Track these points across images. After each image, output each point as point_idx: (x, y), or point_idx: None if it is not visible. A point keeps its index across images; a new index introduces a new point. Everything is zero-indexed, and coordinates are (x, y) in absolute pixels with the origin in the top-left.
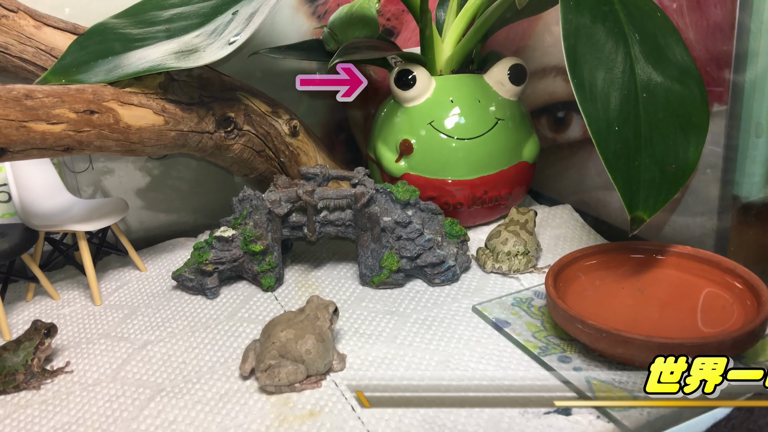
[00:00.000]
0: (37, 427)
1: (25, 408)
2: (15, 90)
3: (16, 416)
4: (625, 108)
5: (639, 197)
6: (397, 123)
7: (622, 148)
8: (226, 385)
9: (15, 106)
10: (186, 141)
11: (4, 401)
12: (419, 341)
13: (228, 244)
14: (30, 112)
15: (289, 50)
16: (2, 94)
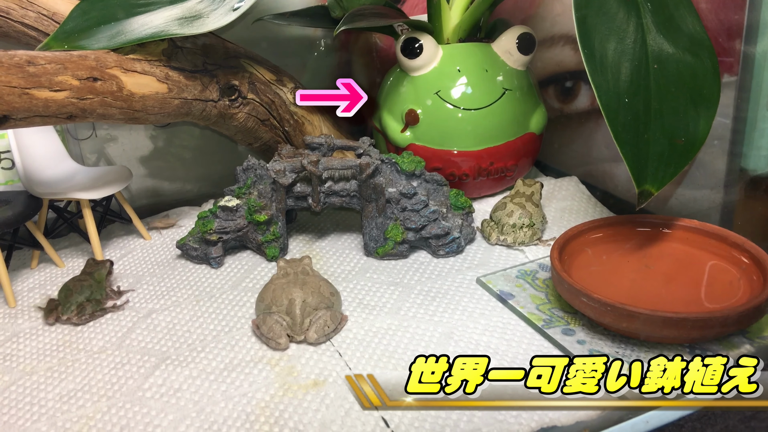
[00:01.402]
0: (43, 393)
1: (31, 375)
2: (17, 56)
3: (21, 383)
4: (636, 79)
5: (647, 170)
6: (403, 92)
7: (631, 121)
8: (231, 354)
9: (17, 72)
10: (190, 109)
11: (9, 368)
12: (423, 313)
13: (232, 214)
14: (32, 79)
15: (294, 17)
16: (4, 60)
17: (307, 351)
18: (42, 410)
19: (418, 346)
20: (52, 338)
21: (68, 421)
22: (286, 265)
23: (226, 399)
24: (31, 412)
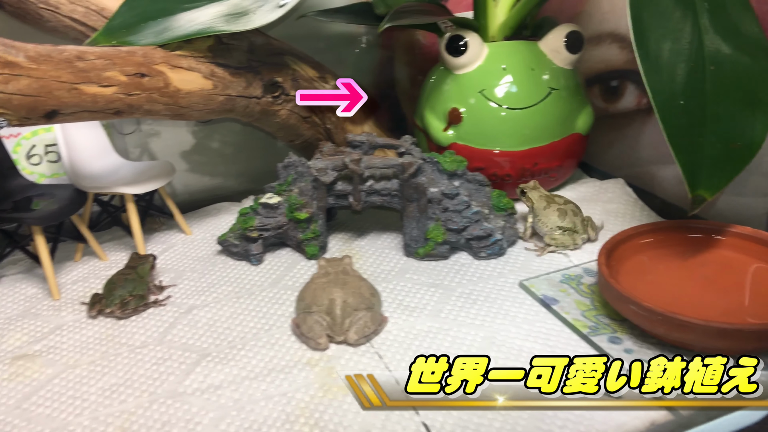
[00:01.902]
0: (86, 387)
1: (74, 368)
2: (67, 51)
3: (65, 376)
4: (692, 81)
5: (702, 175)
6: (446, 91)
7: (686, 123)
8: (270, 353)
9: (67, 67)
10: (233, 106)
11: (53, 361)
12: (464, 316)
13: (273, 211)
14: (81, 74)
15: (338, 13)
16: (54, 55)
17: (346, 352)
18: (84, 404)
19: (459, 350)
20: (95, 332)
21: (110, 415)
22: (326, 264)
23: (266, 398)
24: (73, 406)
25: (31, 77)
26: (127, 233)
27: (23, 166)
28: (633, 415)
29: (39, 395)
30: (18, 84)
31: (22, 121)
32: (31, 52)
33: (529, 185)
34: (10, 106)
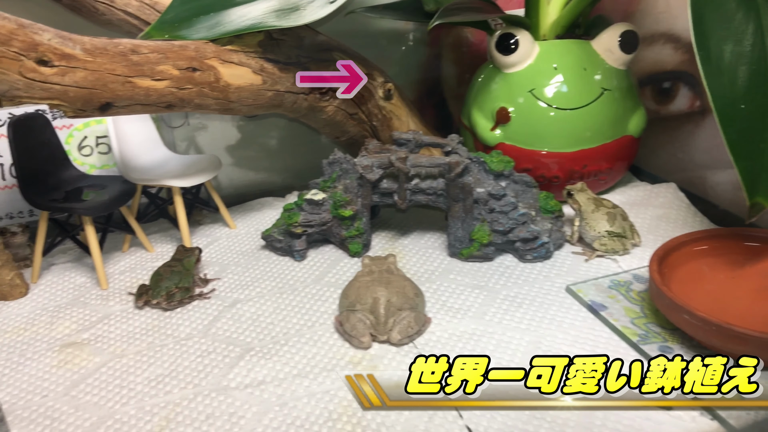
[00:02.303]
0: (132, 377)
1: (121, 357)
2: (122, 45)
3: (112, 365)
4: (754, 84)
5: (761, 182)
6: (495, 89)
7: (747, 128)
8: (313, 349)
9: (121, 61)
10: (281, 101)
11: (100, 349)
12: (509, 319)
13: (318, 208)
14: (135, 68)
15: (387, 10)
16: (110, 49)
17: (389, 351)
18: (131, 393)
19: (503, 354)
20: (141, 322)
21: (156, 406)
22: (371, 262)
23: (308, 395)
24: (120, 395)
25: (87, 70)
26: (173, 225)
27: (75, 157)
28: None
29: (87, 383)
30: (74, 76)
31: (77, 113)
32: (88, 45)
33: (577, 187)
34: (66, 98)
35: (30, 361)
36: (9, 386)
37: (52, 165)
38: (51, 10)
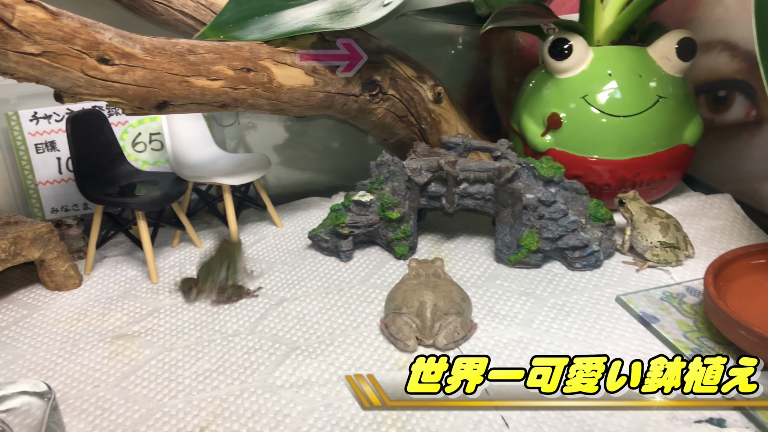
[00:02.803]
0: (181, 370)
1: (170, 351)
2: (179, 45)
3: (161, 357)
4: None
5: None
6: (547, 95)
7: None
8: (359, 350)
9: (179, 60)
10: (332, 103)
11: (150, 342)
12: (557, 328)
13: (365, 209)
14: (192, 67)
15: (438, 13)
16: (168, 48)
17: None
18: (179, 387)
19: None
20: (190, 317)
21: (203, 400)
22: (417, 266)
23: (354, 397)
24: (168, 388)
25: (146, 69)
26: (222, 222)
27: (128, 153)
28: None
29: (137, 375)
30: (133, 75)
31: (135, 111)
32: (147, 45)
33: (629, 195)
34: (125, 96)
35: (82, 351)
36: (62, 375)
37: (107, 160)
38: (110, 9)
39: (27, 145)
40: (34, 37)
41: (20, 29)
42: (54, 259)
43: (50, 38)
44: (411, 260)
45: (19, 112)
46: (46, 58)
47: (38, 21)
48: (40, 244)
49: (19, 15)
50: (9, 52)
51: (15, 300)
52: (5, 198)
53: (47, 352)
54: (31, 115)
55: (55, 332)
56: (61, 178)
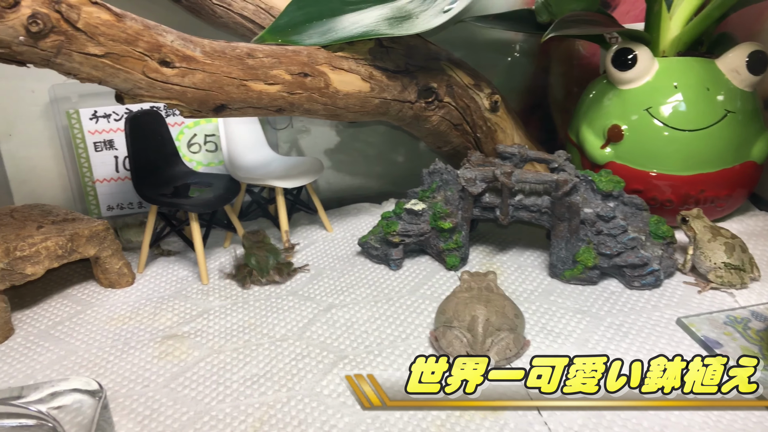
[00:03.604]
0: (229, 374)
1: (219, 353)
2: (239, 48)
3: (210, 360)
4: None
5: None
6: (608, 106)
7: None
8: (408, 362)
9: (238, 64)
10: (387, 109)
11: (199, 344)
12: (614, 349)
13: (417, 218)
14: (250, 71)
15: (498, 20)
16: (227, 52)
17: None
18: (227, 391)
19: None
20: (239, 319)
21: (250, 406)
22: (470, 278)
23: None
24: (216, 392)
25: (206, 72)
26: (273, 224)
27: (183, 154)
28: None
29: (185, 376)
30: (193, 78)
31: (193, 114)
32: (207, 48)
33: (692, 213)
34: (184, 98)
35: (133, 350)
36: (113, 374)
37: (163, 160)
38: (172, 11)
39: (86, 143)
40: (98, 39)
41: (85, 30)
42: (108, 256)
43: (114, 40)
44: (463, 272)
45: (80, 111)
46: (109, 59)
47: (103, 22)
48: (96, 242)
49: (85, 16)
50: (73, 53)
51: (70, 296)
52: (64, 195)
53: (99, 350)
54: (91, 114)
55: (108, 329)
56: (118, 176)
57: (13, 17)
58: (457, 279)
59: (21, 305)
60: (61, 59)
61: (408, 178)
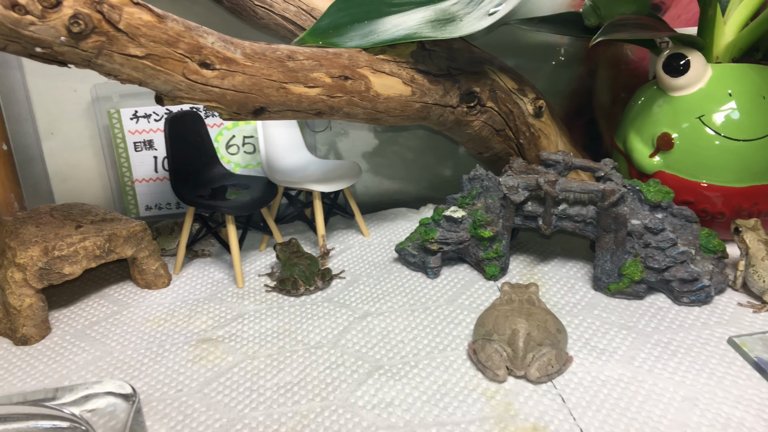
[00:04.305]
0: (262, 381)
1: (253, 359)
2: (279, 50)
3: (244, 365)
4: None
5: None
6: (657, 113)
7: None
8: (444, 375)
9: (278, 66)
10: (428, 113)
11: (234, 348)
12: (661, 368)
13: (456, 225)
14: (290, 74)
15: (543, 23)
16: (268, 54)
17: (526, 388)
18: (260, 398)
19: (654, 408)
20: (273, 324)
21: (283, 415)
22: (510, 290)
23: (437, 425)
24: (250, 398)
25: (246, 74)
26: (309, 228)
27: (221, 155)
28: None
29: (219, 382)
30: (233, 80)
31: (232, 116)
32: (248, 50)
33: (748, 223)
34: (224, 101)
35: (168, 353)
36: (147, 376)
37: (201, 162)
38: (213, 11)
39: (126, 142)
40: (139, 40)
41: (126, 31)
42: (146, 257)
43: (155, 41)
44: (504, 284)
45: (121, 110)
46: (149, 60)
47: (144, 23)
48: (133, 243)
49: (126, 17)
50: (114, 54)
51: (107, 295)
52: (103, 194)
53: (134, 351)
54: (132, 114)
55: (143, 331)
56: (157, 176)
57: (55, 17)
58: (497, 289)
59: (58, 304)
60: (102, 60)
61: (447, 183)
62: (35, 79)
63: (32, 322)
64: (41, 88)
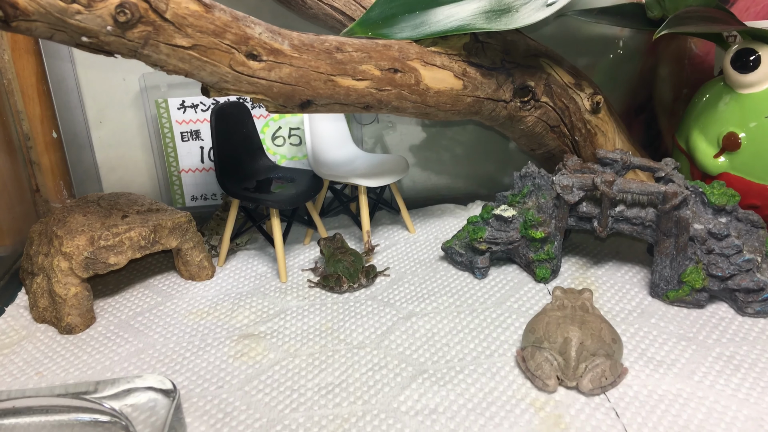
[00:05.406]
0: (303, 380)
1: (294, 357)
2: (327, 42)
3: (285, 364)
4: None
5: None
6: (724, 111)
7: None
8: (491, 383)
9: (326, 58)
10: (480, 108)
11: (275, 345)
12: (723, 384)
13: (506, 225)
14: (338, 66)
15: (603, 14)
16: (316, 45)
17: (577, 400)
18: (301, 399)
19: (716, 427)
20: (316, 322)
21: (324, 417)
22: (563, 295)
23: None
24: (290, 399)
25: (293, 66)
26: (354, 223)
27: (267, 146)
28: None
29: (260, 380)
30: (280, 72)
31: (278, 109)
32: (295, 41)
33: None
34: (270, 93)
35: (210, 348)
36: (189, 371)
37: (247, 153)
38: (261, 0)
39: (173, 132)
40: (186, 30)
41: (173, 21)
42: (190, 249)
43: (201, 31)
44: (556, 288)
45: (168, 100)
46: (196, 51)
47: (191, 13)
48: (178, 234)
49: (173, 6)
50: (160, 44)
51: (151, 286)
52: (150, 183)
53: (176, 344)
54: (179, 104)
55: (186, 324)
56: (203, 167)
57: (102, 6)
58: (547, 293)
59: (104, 293)
60: (148, 50)
61: (496, 180)
62: (85, 69)
63: (77, 311)
64: (91, 78)
